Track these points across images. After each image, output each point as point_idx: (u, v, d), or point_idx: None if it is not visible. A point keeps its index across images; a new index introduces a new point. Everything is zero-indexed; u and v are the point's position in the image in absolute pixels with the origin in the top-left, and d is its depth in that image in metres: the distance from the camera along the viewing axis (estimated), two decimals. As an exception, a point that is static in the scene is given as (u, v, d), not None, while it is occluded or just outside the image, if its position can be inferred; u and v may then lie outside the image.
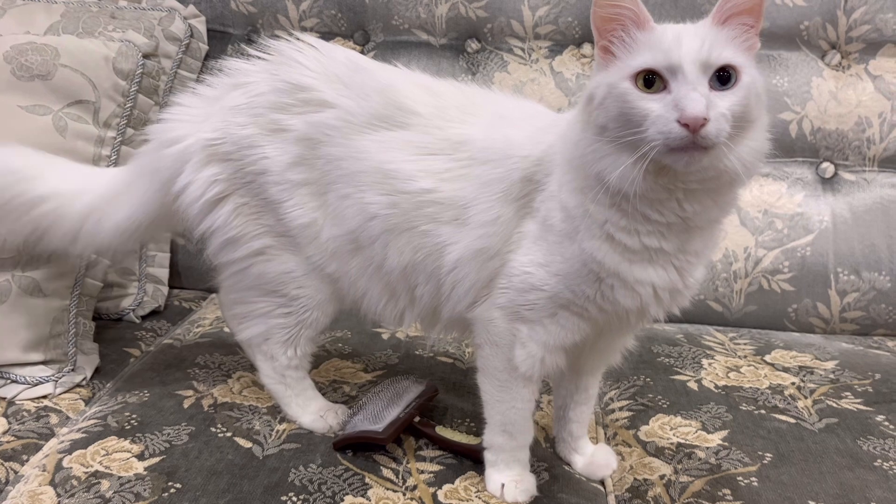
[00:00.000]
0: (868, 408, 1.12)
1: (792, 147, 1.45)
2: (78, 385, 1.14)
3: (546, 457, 0.99)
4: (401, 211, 0.88)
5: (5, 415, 1.05)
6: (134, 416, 1.01)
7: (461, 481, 0.91)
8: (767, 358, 1.29)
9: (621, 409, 1.12)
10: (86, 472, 0.90)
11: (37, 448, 1.00)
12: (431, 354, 1.26)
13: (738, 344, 1.35)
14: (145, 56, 1.31)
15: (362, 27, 1.55)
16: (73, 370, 1.15)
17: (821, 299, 1.42)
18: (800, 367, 1.26)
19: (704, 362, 1.26)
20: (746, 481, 0.93)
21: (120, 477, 0.89)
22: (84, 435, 0.98)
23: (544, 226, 0.82)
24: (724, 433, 1.04)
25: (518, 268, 0.83)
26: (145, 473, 0.89)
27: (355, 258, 0.93)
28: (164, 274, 1.48)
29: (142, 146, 1.04)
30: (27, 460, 0.97)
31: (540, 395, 1.06)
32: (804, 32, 1.45)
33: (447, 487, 0.90)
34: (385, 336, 1.33)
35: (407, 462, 0.94)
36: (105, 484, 0.88)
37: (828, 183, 1.46)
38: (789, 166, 1.46)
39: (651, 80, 0.71)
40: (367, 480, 0.90)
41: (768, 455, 0.99)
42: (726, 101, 0.70)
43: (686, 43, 0.70)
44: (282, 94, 0.92)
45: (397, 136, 0.89)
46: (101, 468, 0.91)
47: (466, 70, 1.51)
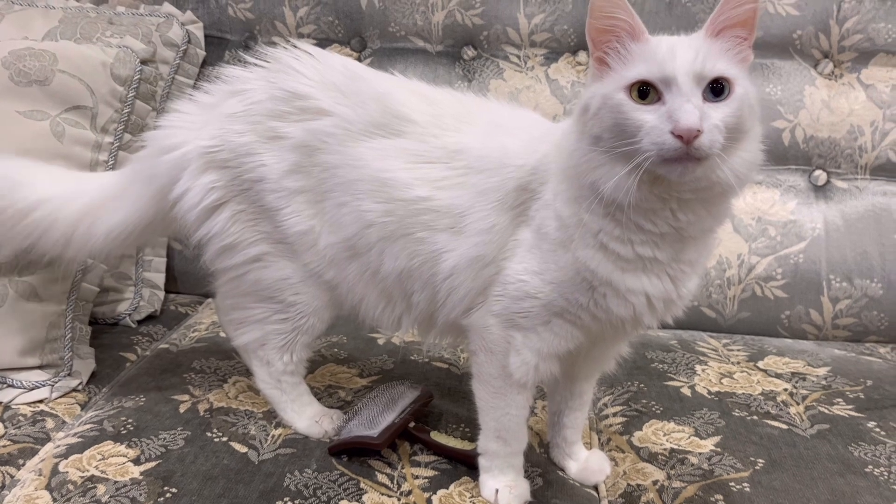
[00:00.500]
0: (859, 414, 1.13)
1: (785, 155, 1.47)
2: (74, 389, 1.15)
3: (540, 462, 1.00)
4: (397, 218, 0.89)
5: (1, 419, 1.06)
6: (130, 421, 1.02)
7: (455, 486, 0.92)
8: (760, 364, 1.30)
9: (615, 415, 1.12)
10: (82, 477, 0.90)
11: (33, 452, 1.00)
12: (427, 360, 1.27)
13: (732, 350, 1.36)
14: (143, 62, 1.32)
15: (359, 34, 1.56)
16: (70, 375, 1.15)
17: (813, 306, 1.43)
18: (792, 374, 1.27)
19: (698, 368, 1.27)
20: (738, 487, 0.94)
21: (116, 481, 0.89)
22: (80, 439, 0.98)
23: (539, 234, 0.83)
24: (717, 439, 1.05)
25: (513, 276, 0.84)
26: (141, 478, 0.90)
27: (352, 264, 0.94)
28: (161, 279, 1.49)
29: (139, 151, 1.04)
30: (23, 464, 0.97)
31: (534, 401, 1.07)
32: (797, 41, 1.46)
33: (442, 493, 0.91)
34: (381, 341, 1.33)
35: (402, 467, 0.95)
36: (101, 488, 0.88)
37: (820, 191, 1.47)
38: (782, 174, 1.47)
39: (645, 92, 0.72)
40: (362, 485, 0.90)
41: (760, 461, 0.99)
42: (720, 113, 0.71)
43: (680, 55, 0.71)
44: (279, 102, 0.93)
45: (394, 144, 0.90)
46: (97, 473, 0.91)
47: (462, 77, 1.52)
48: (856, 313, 1.43)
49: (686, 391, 1.19)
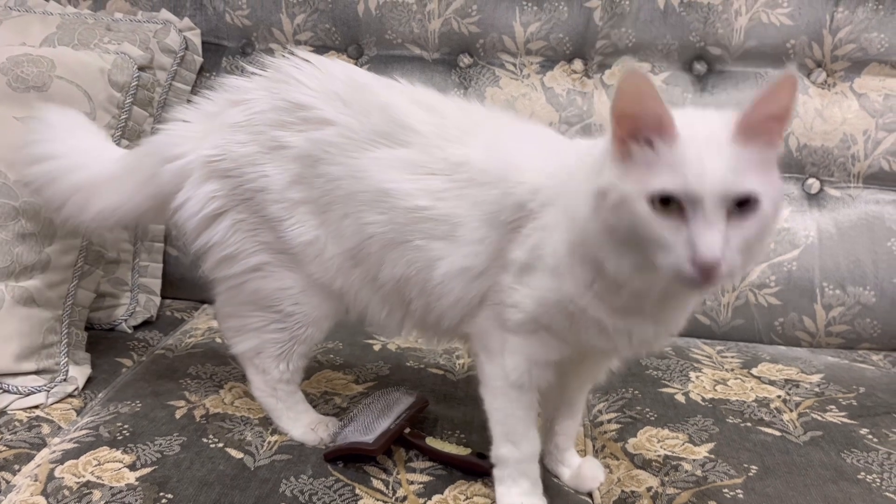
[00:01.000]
0: (852, 421, 1.14)
1: (778, 163, 1.47)
2: (70, 395, 1.15)
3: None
4: (397, 226, 0.89)
5: (-3, 424, 1.06)
6: (126, 427, 1.02)
7: (450, 491, 0.92)
8: (754, 371, 1.31)
9: (609, 422, 1.13)
10: (77, 483, 0.90)
11: (28, 458, 1.00)
12: (422, 366, 1.27)
13: (726, 357, 1.37)
14: (140, 68, 1.32)
15: (356, 41, 1.57)
16: (65, 380, 1.15)
17: (807, 313, 1.44)
18: (786, 381, 1.27)
19: (692, 375, 1.28)
20: (732, 493, 0.95)
21: (111, 487, 0.89)
22: (76, 445, 0.98)
23: (533, 254, 0.82)
24: (711, 445, 1.05)
25: (505, 287, 0.85)
26: (137, 484, 0.90)
27: (355, 271, 0.95)
28: (157, 284, 1.49)
29: (141, 146, 1.06)
30: (19, 470, 0.97)
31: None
32: (791, 51, 1.48)
33: (437, 498, 0.91)
34: (376, 347, 1.34)
35: (397, 473, 0.95)
36: (97, 494, 0.88)
37: (814, 199, 1.48)
38: (776, 182, 1.49)
39: (668, 200, 0.67)
40: (358, 491, 0.91)
41: (754, 467, 1.00)
42: (743, 233, 0.68)
43: (709, 170, 0.66)
44: (282, 113, 0.93)
45: (397, 155, 0.90)
46: (93, 478, 0.91)
47: (458, 84, 1.53)
48: (849, 321, 1.44)
49: (680, 398, 1.20)
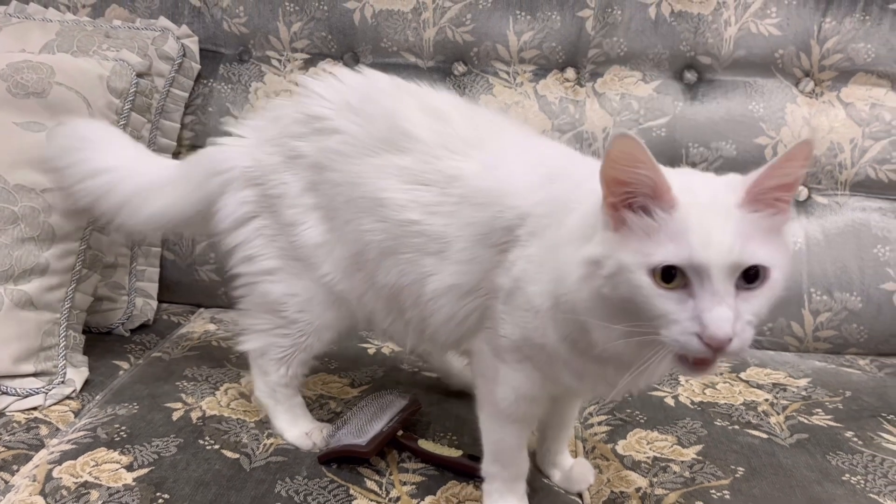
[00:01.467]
0: (838, 424, 1.16)
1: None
2: (68, 397, 1.16)
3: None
4: (391, 236, 0.91)
5: (-4, 426, 1.07)
6: (123, 428, 1.03)
7: (442, 493, 0.94)
8: (743, 375, 1.33)
9: (600, 424, 1.15)
10: (75, 483, 0.92)
11: (27, 459, 1.01)
12: (416, 370, 1.29)
13: (715, 361, 1.38)
14: (139, 75, 1.34)
15: (352, 49, 1.59)
16: (63, 382, 1.17)
17: (795, 318, 1.46)
18: (773, 385, 1.29)
19: (681, 379, 1.29)
20: (719, 494, 0.96)
21: (109, 487, 0.91)
22: (74, 446, 0.99)
23: (516, 285, 0.80)
24: (699, 447, 1.07)
25: (497, 315, 0.84)
26: (134, 484, 0.91)
27: (359, 275, 0.97)
28: (154, 288, 1.50)
29: (194, 155, 1.13)
30: (17, 470, 0.99)
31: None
32: (779, 61, 1.50)
33: (429, 499, 0.93)
34: (371, 351, 1.35)
35: (390, 474, 0.97)
36: (94, 494, 0.89)
37: (802, 206, 1.50)
38: (765, 189, 1.51)
39: (671, 274, 0.63)
40: (352, 492, 0.92)
41: (741, 469, 1.02)
42: (752, 305, 0.64)
43: (716, 240, 0.62)
44: (301, 125, 0.99)
45: (395, 162, 0.91)
46: (91, 479, 0.92)
47: (453, 92, 1.54)
48: (836, 326, 1.46)
49: (670, 401, 1.21)
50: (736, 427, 1.13)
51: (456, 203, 0.87)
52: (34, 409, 1.12)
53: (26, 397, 1.13)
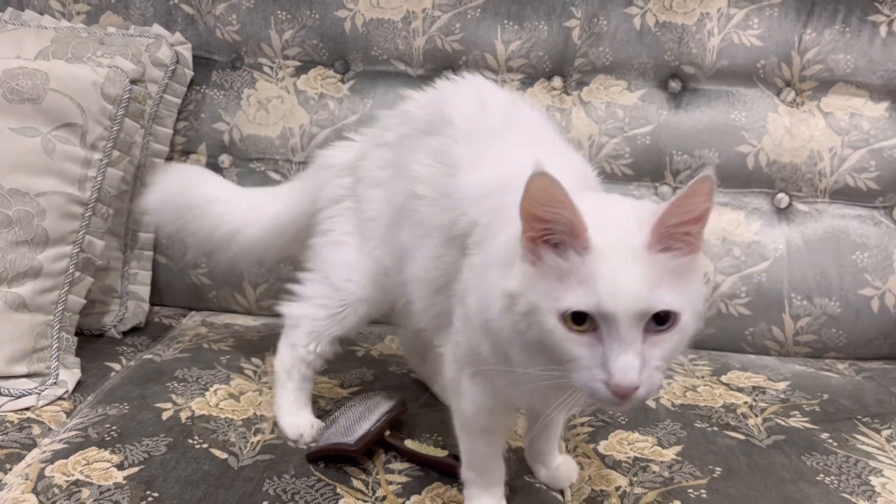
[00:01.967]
0: (814, 426, 1.18)
1: (749, 178, 1.53)
2: (60, 398, 1.18)
3: (509, 468, 1.03)
4: (403, 203, 0.96)
5: (-12, 426, 1.09)
6: (114, 428, 1.05)
7: (427, 492, 0.96)
8: (723, 378, 1.36)
9: (583, 425, 1.17)
10: (67, 481, 0.93)
11: (19, 458, 1.03)
12: (404, 371, 1.31)
13: (697, 365, 1.41)
14: (132, 81, 1.35)
15: (343, 57, 1.61)
16: (56, 383, 1.19)
17: (776, 323, 1.49)
18: (753, 388, 1.32)
19: (664, 382, 1.32)
20: (696, 493, 0.99)
21: (100, 486, 0.93)
22: (65, 445, 1.01)
23: (463, 293, 0.80)
24: (678, 448, 1.10)
25: (455, 316, 0.85)
26: (124, 482, 0.93)
27: (388, 241, 1.03)
28: (146, 291, 1.52)
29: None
30: (10, 469, 1.00)
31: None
32: (761, 71, 1.53)
33: (415, 498, 0.95)
34: (360, 353, 1.37)
35: (377, 473, 0.99)
36: (85, 492, 0.91)
37: (783, 213, 1.53)
38: (747, 196, 1.54)
39: (582, 317, 0.63)
40: (339, 490, 0.94)
41: (718, 469, 1.04)
42: (661, 350, 0.64)
43: (622, 289, 0.62)
44: (391, 119, 1.08)
45: (430, 142, 0.96)
46: (82, 477, 0.94)
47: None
48: (815, 330, 1.49)
49: (651, 403, 1.24)
50: (715, 429, 1.16)
51: (438, 198, 0.90)
52: (27, 410, 1.14)
53: (19, 398, 1.15)
